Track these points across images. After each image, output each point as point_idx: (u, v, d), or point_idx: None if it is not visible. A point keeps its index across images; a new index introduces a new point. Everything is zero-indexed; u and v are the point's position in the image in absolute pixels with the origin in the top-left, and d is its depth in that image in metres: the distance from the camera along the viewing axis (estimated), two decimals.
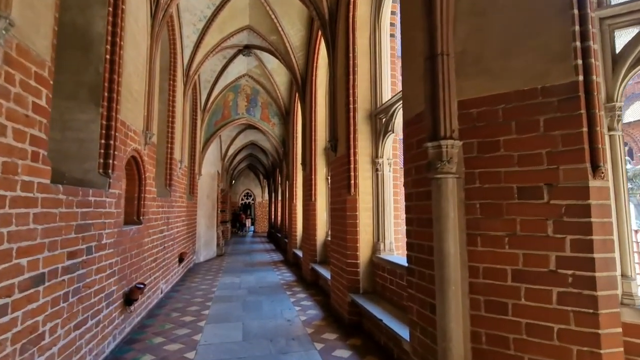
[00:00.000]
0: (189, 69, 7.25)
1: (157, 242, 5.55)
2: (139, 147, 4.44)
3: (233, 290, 6.58)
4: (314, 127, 7.26)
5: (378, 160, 4.54)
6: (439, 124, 2.37)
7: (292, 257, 9.77)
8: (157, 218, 5.47)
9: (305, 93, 7.74)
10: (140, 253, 4.61)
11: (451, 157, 2.33)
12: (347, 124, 4.68)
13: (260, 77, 10.26)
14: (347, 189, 4.63)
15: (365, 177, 4.61)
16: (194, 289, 6.74)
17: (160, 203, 5.72)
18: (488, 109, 2.28)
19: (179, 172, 7.16)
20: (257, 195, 25.36)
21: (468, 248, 2.28)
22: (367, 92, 4.72)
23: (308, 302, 5.71)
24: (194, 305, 5.52)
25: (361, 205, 4.56)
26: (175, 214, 6.96)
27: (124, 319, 4.00)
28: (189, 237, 8.76)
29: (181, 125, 7.19)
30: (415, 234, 2.73)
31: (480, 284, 2.22)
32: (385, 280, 4.12)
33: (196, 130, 9.34)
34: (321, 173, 7.18)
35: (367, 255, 4.53)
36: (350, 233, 4.58)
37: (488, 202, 2.24)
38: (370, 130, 4.67)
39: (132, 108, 4.20)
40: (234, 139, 13.26)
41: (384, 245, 4.44)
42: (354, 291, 4.48)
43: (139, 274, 4.54)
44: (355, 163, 4.60)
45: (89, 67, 3.53)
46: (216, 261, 10.52)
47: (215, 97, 10.12)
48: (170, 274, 6.53)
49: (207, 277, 7.91)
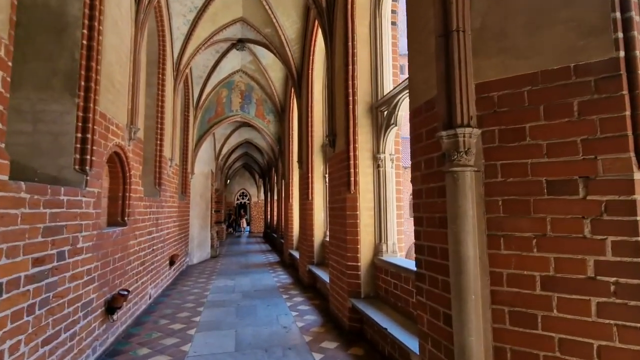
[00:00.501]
0: (180, 63, 6.92)
1: (145, 244, 5.23)
2: (122, 143, 4.12)
3: (226, 294, 6.27)
4: (311, 123, 6.96)
5: (379, 155, 4.25)
6: (454, 110, 2.08)
7: (289, 258, 9.47)
8: (144, 219, 5.15)
9: (301, 88, 7.44)
10: (125, 257, 4.28)
11: (469, 148, 2.05)
12: (347, 118, 4.39)
13: (254, 72, 9.94)
14: (347, 186, 4.34)
15: (365, 174, 4.32)
16: (186, 293, 6.42)
17: (149, 203, 5.40)
18: (511, 91, 1.99)
19: (170, 171, 6.83)
20: (253, 194, 25.01)
21: (489, 251, 2.00)
22: (367, 83, 4.43)
23: (305, 307, 5.41)
24: (184, 311, 5.20)
25: (362, 204, 4.27)
26: (166, 215, 6.63)
27: (106, 329, 3.68)
28: (181, 238, 8.42)
29: (171, 121, 6.86)
30: (426, 235, 2.45)
31: (504, 292, 1.94)
32: (389, 284, 3.84)
33: (188, 128, 9.00)
34: (318, 171, 6.89)
35: (369, 257, 4.24)
36: (350, 234, 4.29)
37: (512, 198, 1.95)
38: (371, 124, 4.38)
39: (114, 100, 3.88)
40: (228, 137, 12.91)
41: (386, 247, 4.16)
42: (355, 295, 4.19)
43: (123, 279, 4.22)
44: (356, 159, 4.31)
45: (63, 53, 3.21)
46: (210, 263, 10.19)
47: (208, 93, 9.79)
48: (160, 278, 6.21)
49: (200, 280, 7.58)
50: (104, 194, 4.14)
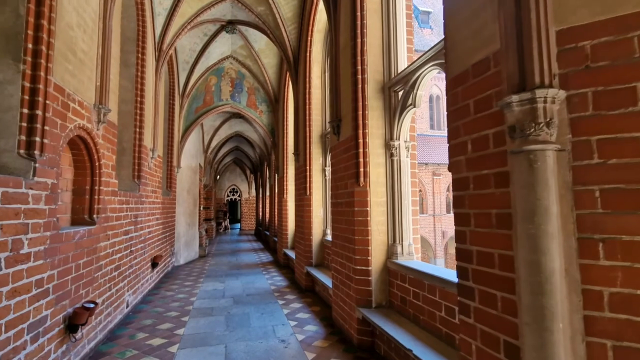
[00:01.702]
0: (162, 42, 6.20)
1: (121, 245, 4.56)
2: (88, 126, 3.45)
3: (215, 300, 5.64)
4: (309, 111, 6.34)
5: (393, 143, 3.67)
6: (530, 66, 1.50)
7: (283, 258, 8.87)
8: (119, 216, 4.48)
9: (298, 73, 6.80)
10: (93, 261, 3.62)
11: (551, 118, 1.47)
12: (355, 99, 3.80)
13: (246, 59, 9.24)
14: (355, 178, 3.75)
15: (377, 165, 3.74)
16: (170, 298, 5.76)
17: (125, 198, 4.72)
18: (613, 38, 1.42)
19: (152, 163, 6.14)
20: (244, 191, 24.26)
21: (581, 262, 1.44)
22: (378, 59, 3.84)
23: (305, 315, 4.82)
24: (166, 322, 4.56)
25: (373, 199, 3.69)
26: (147, 212, 5.95)
27: (67, 351, 3.03)
28: (166, 237, 7.74)
29: (153, 107, 6.15)
30: (475, 238, 1.88)
31: (605, 320, 1.38)
32: (407, 292, 3.27)
33: (173, 117, 8.28)
34: (317, 163, 6.28)
35: (381, 260, 3.67)
36: (359, 233, 3.71)
37: (616, 187, 1.39)
38: (383, 107, 3.80)
39: (77, 72, 3.20)
40: (217, 129, 12.18)
41: (401, 248, 3.59)
42: (365, 304, 3.62)
43: (91, 288, 3.56)
44: (365, 147, 3.73)
45: (4, 8, 2.53)
46: (198, 263, 9.51)
47: (196, 80, 9.07)
48: (140, 283, 5.54)
49: (187, 283, 6.92)
50: (67, 187, 3.47)
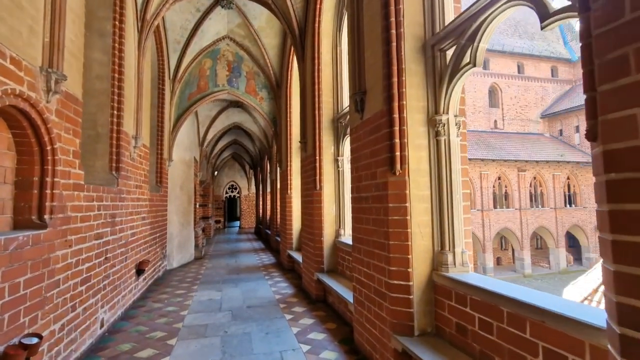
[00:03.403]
0: (145, 11, 5.27)
1: (91, 252, 3.67)
2: (31, 95, 2.54)
3: (210, 315, 4.76)
4: (318, 92, 5.43)
5: (440, 118, 2.77)
6: None
7: (287, 260, 7.99)
8: (88, 216, 3.58)
9: (305, 48, 5.89)
10: (44, 277, 2.73)
11: None
12: (387, 63, 2.90)
13: (244, 39, 8.31)
14: (389, 165, 2.86)
15: (417, 147, 2.85)
16: (157, 312, 4.88)
17: (97, 194, 3.82)
18: None
19: (134, 153, 5.23)
20: (243, 187, 23.34)
21: None
22: (417, 10, 2.93)
23: (319, 335, 3.94)
24: (148, 347, 3.68)
25: (413, 192, 2.81)
26: (129, 210, 5.05)
27: None
28: (156, 239, 6.84)
29: (135, 87, 5.24)
30: None
31: None
32: (468, 319, 2.39)
33: (163, 104, 7.36)
34: (328, 153, 5.39)
35: (424, 272, 2.79)
36: (394, 237, 2.83)
37: None
38: (425, 71, 2.90)
39: (5, 16, 2.29)
40: (213, 119, 11.23)
41: (452, 257, 2.70)
42: (403, 331, 2.75)
43: (40, 312, 2.67)
44: (402, 123, 2.83)
45: None
46: (193, 266, 8.63)
47: (189, 63, 8.13)
48: (121, 295, 4.65)
49: (179, 292, 6.04)
50: (4, 179, 2.57)
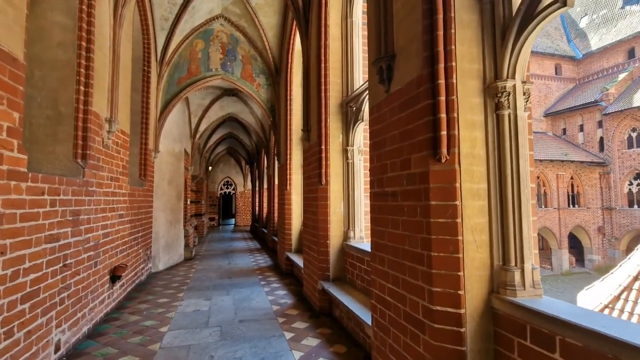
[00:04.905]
0: None
1: (40, 259, 2.89)
2: None
3: (195, 332, 3.99)
4: (325, 72, 4.67)
5: (501, 84, 2.03)
6: None
7: (286, 263, 7.24)
8: (32, 214, 2.80)
9: (309, 22, 5.12)
10: None
11: None
12: (429, 7, 2.15)
13: (240, 19, 7.51)
14: (432, 149, 2.12)
15: (469, 124, 2.11)
16: (132, 327, 4.11)
17: (48, 185, 3.04)
18: None
19: (108, 139, 4.44)
20: (239, 184, 22.51)
21: None
22: None
23: (327, 358, 3.21)
24: None
25: (465, 186, 2.07)
26: (101, 207, 4.27)
27: None
28: (137, 239, 6.06)
29: (110, 61, 4.44)
30: None
31: None
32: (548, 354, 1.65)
33: (149, 88, 6.56)
34: (336, 142, 4.63)
35: (480, 296, 2.04)
36: (438, 246, 2.08)
37: None
38: (480, 22, 2.15)
39: None
40: (207, 109, 10.41)
41: (520, 275, 1.96)
42: None
43: None
44: (450, 91, 2.09)
45: None
46: (182, 269, 7.85)
47: (178, 44, 7.33)
48: (88, 307, 3.88)
49: (161, 301, 5.27)
50: None
